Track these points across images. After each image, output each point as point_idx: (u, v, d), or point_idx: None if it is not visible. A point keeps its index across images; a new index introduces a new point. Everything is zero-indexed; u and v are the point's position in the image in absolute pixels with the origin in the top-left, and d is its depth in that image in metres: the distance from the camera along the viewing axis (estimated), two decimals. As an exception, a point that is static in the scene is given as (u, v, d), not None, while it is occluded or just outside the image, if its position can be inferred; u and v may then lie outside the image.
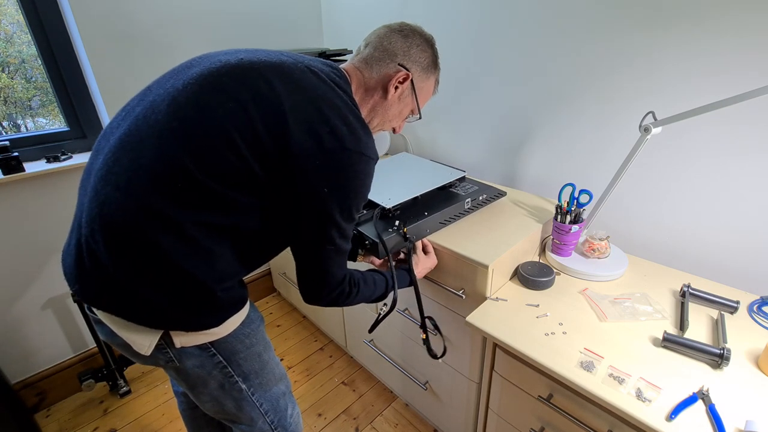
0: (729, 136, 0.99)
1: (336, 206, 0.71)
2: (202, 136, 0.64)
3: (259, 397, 0.89)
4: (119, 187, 0.64)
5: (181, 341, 0.73)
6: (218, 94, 0.66)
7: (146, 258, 0.64)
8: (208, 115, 0.64)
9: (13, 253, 1.40)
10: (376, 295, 0.91)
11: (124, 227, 0.64)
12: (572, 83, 1.22)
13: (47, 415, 1.57)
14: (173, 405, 1.59)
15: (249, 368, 0.84)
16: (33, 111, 1.52)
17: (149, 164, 0.64)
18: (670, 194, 1.12)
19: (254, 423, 0.91)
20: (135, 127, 0.67)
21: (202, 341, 0.75)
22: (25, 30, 1.35)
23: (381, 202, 1.09)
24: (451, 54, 1.50)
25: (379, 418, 1.52)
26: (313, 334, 1.94)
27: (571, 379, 0.78)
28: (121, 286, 0.66)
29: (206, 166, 0.64)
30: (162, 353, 0.74)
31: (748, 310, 0.95)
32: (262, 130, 0.65)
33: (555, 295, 1.02)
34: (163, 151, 0.64)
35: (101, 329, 0.76)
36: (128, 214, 0.63)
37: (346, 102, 0.73)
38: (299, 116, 0.66)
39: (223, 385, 0.83)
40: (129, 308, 0.68)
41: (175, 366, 0.77)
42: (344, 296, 0.83)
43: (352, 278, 0.84)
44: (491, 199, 1.24)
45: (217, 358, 0.79)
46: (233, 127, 0.64)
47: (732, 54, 0.93)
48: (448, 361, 1.20)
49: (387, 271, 0.95)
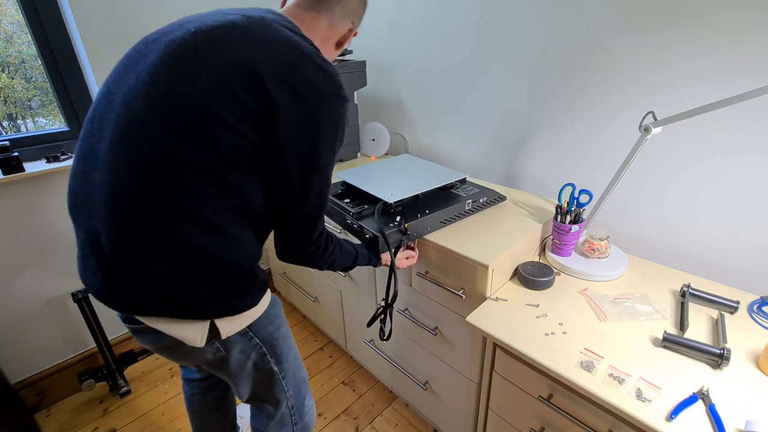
0: (729, 136, 0.99)
1: (320, 150, 0.72)
2: (191, 122, 0.64)
3: (287, 382, 0.95)
4: (131, 196, 0.64)
5: (226, 330, 0.76)
6: (188, 76, 0.64)
7: (182, 255, 0.66)
8: (188, 102, 0.64)
9: (13, 253, 1.40)
10: (346, 261, 0.93)
11: (152, 232, 0.65)
12: (572, 83, 1.22)
13: (47, 415, 1.57)
14: (173, 405, 1.60)
15: (280, 350, 0.90)
16: (33, 111, 1.52)
17: (150, 165, 0.64)
18: (670, 194, 1.12)
19: (280, 406, 0.97)
20: (119, 135, 0.66)
21: (242, 326, 0.79)
22: (25, 30, 1.35)
23: (383, 197, 1.10)
24: (451, 54, 1.50)
25: (379, 418, 1.52)
26: (313, 334, 1.94)
27: (571, 379, 0.78)
28: (164, 288, 0.67)
29: (204, 149, 0.64)
30: (210, 346, 0.78)
31: (748, 310, 0.95)
32: (244, 97, 0.64)
33: (555, 295, 1.02)
34: (159, 149, 0.64)
35: (144, 338, 0.78)
36: (151, 219, 0.64)
37: (310, 47, 0.72)
38: (272, 72, 0.65)
39: (257, 367, 0.88)
40: (175, 306, 0.69)
41: (222, 357, 0.81)
42: (320, 251, 0.83)
43: (330, 235, 0.86)
44: (492, 202, 1.25)
45: (254, 341, 0.83)
46: (217, 105, 0.64)
47: (732, 54, 0.93)
48: (448, 361, 1.20)
49: (358, 244, 0.98)
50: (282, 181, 0.71)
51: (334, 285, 1.59)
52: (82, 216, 0.71)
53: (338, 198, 1.21)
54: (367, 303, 1.44)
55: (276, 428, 1.00)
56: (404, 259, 1.08)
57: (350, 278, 1.47)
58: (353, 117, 1.69)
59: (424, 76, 1.64)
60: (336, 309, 1.66)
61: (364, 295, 1.43)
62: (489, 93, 1.45)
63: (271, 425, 1.00)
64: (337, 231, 1.40)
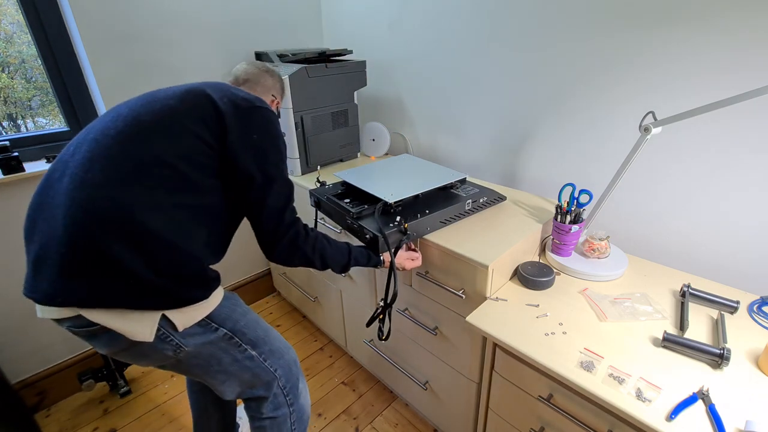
0: (729, 136, 0.99)
1: (266, 146, 0.87)
2: (165, 128, 0.79)
3: (272, 363, 0.98)
4: (99, 186, 0.72)
5: (182, 322, 0.79)
6: (158, 103, 0.83)
7: (143, 241, 0.72)
8: (162, 115, 0.81)
9: (12, 253, 1.40)
10: (340, 254, 0.99)
11: (117, 217, 0.71)
12: (572, 83, 1.22)
13: (47, 415, 1.57)
14: (173, 405, 1.60)
15: (254, 336, 0.94)
16: (33, 111, 1.52)
17: (123, 160, 0.74)
18: (670, 194, 1.12)
19: (270, 388, 1.01)
20: (96, 145, 0.77)
21: (199, 317, 0.83)
22: (25, 30, 1.35)
23: (383, 197, 1.10)
24: (451, 54, 1.50)
25: (379, 418, 1.52)
26: (313, 334, 1.94)
27: (571, 379, 0.78)
28: (124, 272, 0.71)
29: (174, 149, 0.78)
30: (168, 343, 0.79)
31: (748, 310, 0.95)
32: (201, 111, 0.83)
33: (555, 295, 1.02)
34: (132, 148, 0.76)
35: (99, 342, 0.79)
36: (117, 205, 0.71)
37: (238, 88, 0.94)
38: (218, 94, 0.85)
39: (236, 358, 0.91)
40: (132, 292, 0.73)
41: (186, 353, 0.83)
42: (301, 238, 0.92)
43: (307, 226, 0.95)
44: (492, 202, 1.25)
45: (221, 330, 0.87)
46: (184, 117, 0.81)
47: (733, 53, 0.93)
48: (448, 361, 1.20)
49: (354, 246, 1.03)
50: (244, 176, 0.84)
51: (334, 285, 1.59)
52: (39, 227, 0.75)
53: (338, 198, 1.21)
54: (367, 303, 1.44)
55: (272, 411, 1.03)
56: (409, 261, 1.08)
57: (350, 278, 1.47)
58: (353, 117, 1.69)
59: (424, 76, 1.64)
60: (336, 309, 1.65)
61: (364, 295, 1.43)
62: (489, 93, 1.45)
63: (266, 409, 1.02)
64: (337, 231, 1.41)
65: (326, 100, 1.56)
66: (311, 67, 1.47)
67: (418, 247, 1.13)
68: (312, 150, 1.58)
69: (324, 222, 1.45)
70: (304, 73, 1.46)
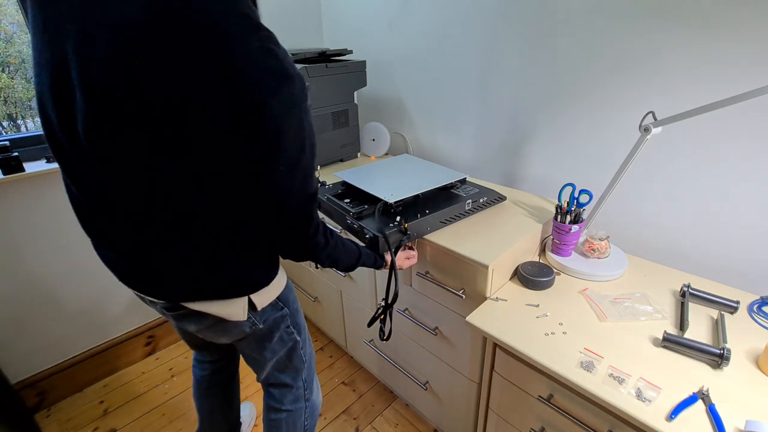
0: (729, 135, 0.99)
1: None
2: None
3: (304, 352, 1.02)
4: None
5: (260, 302, 0.83)
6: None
7: (214, 242, 0.71)
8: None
9: (12, 253, 1.40)
10: (350, 258, 0.92)
11: (180, 219, 0.68)
12: (572, 83, 1.22)
13: (47, 415, 1.57)
14: (173, 405, 1.60)
15: (299, 320, 0.99)
16: (33, 111, 1.52)
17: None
18: (670, 194, 1.12)
19: (297, 377, 1.04)
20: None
21: (273, 297, 0.86)
22: (25, 30, 1.36)
23: (383, 197, 1.10)
24: (452, 54, 1.50)
25: (379, 418, 1.52)
26: (313, 334, 1.94)
27: (571, 379, 0.78)
28: (202, 273, 0.73)
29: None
30: (248, 321, 0.84)
31: (748, 310, 0.95)
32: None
33: (555, 295, 1.02)
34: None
35: (187, 322, 0.83)
36: (179, 207, 0.67)
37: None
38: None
39: (282, 338, 0.95)
40: (216, 289, 0.76)
41: (258, 329, 0.88)
42: (320, 235, 0.82)
43: (329, 229, 0.86)
44: (492, 202, 1.25)
45: (284, 310, 0.92)
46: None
47: (733, 53, 0.93)
48: (448, 361, 1.20)
49: (363, 246, 0.97)
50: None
51: (334, 285, 1.59)
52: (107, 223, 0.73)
53: (338, 198, 1.21)
54: (367, 303, 1.44)
55: (291, 403, 1.06)
56: (405, 259, 1.08)
57: (350, 278, 1.47)
58: (353, 117, 1.69)
59: (424, 76, 1.64)
60: (336, 309, 1.65)
61: (365, 295, 1.43)
62: (489, 93, 1.45)
63: (288, 399, 1.05)
64: (337, 231, 1.40)
65: (326, 100, 1.56)
66: (311, 67, 1.47)
67: (415, 245, 1.13)
68: (312, 150, 1.58)
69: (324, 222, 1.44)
70: (304, 73, 1.46)
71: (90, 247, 0.81)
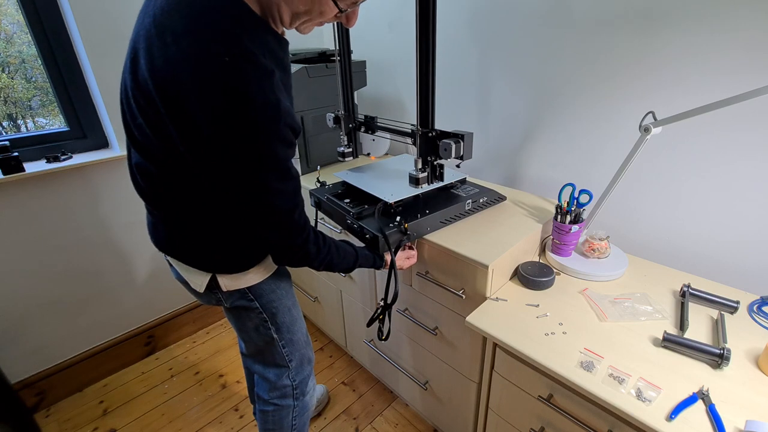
0: (729, 135, 0.99)
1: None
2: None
3: (289, 352, 1.05)
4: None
5: (226, 284, 0.90)
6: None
7: (196, 213, 0.81)
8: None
9: (12, 253, 1.40)
10: (347, 262, 0.94)
11: (188, 199, 0.79)
12: (572, 83, 1.22)
13: (47, 415, 1.57)
14: (173, 405, 1.60)
15: (282, 320, 1.01)
16: (33, 111, 1.52)
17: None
18: (670, 194, 1.12)
19: (281, 375, 1.08)
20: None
21: (240, 285, 0.92)
22: (25, 30, 1.36)
23: (383, 197, 1.10)
24: (452, 55, 1.50)
25: (379, 418, 1.52)
26: (313, 334, 1.94)
27: (571, 379, 0.78)
28: (189, 244, 0.86)
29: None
30: (213, 294, 0.94)
31: (748, 310, 0.95)
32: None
33: (555, 295, 1.02)
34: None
35: (173, 271, 0.98)
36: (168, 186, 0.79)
37: None
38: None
39: (258, 329, 1.00)
40: (194, 259, 0.88)
41: (224, 306, 0.97)
42: (311, 244, 0.84)
43: (322, 234, 0.89)
44: (492, 202, 1.25)
45: (254, 304, 0.96)
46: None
47: (733, 54, 0.93)
48: (448, 361, 1.20)
49: (359, 248, 0.99)
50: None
51: (334, 285, 1.59)
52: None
53: (338, 198, 1.21)
54: (367, 303, 1.44)
55: (278, 399, 1.10)
56: (405, 259, 1.08)
57: (350, 278, 1.47)
58: (353, 117, 1.68)
59: (424, 76, 1.64)
60: (336, 309, 1.65)
61: (365, 295, 1.43)
62: (489, 92, 1.45)
63: (273, 394, 1.09)
64: (337, 231, 1.41)
65: (327, 100, 1.56)
66: (311, 67, 1.47)
67: (414, 245, 1.13)
68: (312, 150, 1.58)
69: (324, 222, 1.45)
70: (305, 73, 1.46)
71: (90, 248, 0.81)
